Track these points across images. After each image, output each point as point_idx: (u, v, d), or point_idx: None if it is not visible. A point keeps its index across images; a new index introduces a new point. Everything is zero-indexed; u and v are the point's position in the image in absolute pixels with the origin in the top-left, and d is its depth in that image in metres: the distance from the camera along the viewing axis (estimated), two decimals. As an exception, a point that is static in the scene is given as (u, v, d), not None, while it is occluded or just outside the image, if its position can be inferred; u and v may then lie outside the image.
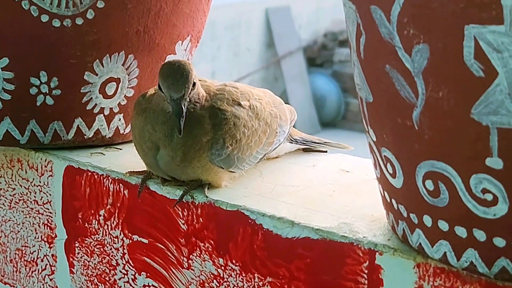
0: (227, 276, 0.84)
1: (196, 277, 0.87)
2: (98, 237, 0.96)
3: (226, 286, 0.84)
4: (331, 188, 0.90)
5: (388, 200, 0.75)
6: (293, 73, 6.63)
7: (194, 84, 0.85)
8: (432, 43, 0.64)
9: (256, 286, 0.82)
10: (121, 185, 0.93)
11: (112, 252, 0.95)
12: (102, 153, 1.01)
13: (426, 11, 0.64)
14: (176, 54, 1.03)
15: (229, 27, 6.05)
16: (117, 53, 0.98)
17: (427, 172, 0.68)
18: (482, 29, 0.60)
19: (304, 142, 1.02)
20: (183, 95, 0.84)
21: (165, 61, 0.88)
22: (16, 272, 1.06)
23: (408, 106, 0.67)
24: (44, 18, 0.94)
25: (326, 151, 1.04)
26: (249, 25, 6.32)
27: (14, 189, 1.04)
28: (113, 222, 0.94)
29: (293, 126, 1.01)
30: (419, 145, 0.68)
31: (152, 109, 0.87)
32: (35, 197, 1.02)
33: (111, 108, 1.02)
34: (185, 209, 0.88)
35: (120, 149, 1.03)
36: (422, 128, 0.67)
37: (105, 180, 0.95)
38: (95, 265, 0.97)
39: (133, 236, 0.93)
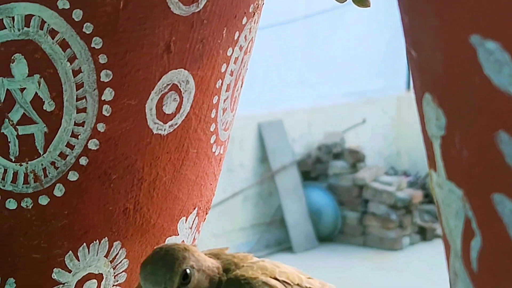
0: None
1: None
2: None
3: None
4: None
5: None
6: (288, 188, 6.67)
7: (186, 276, 0.66)
8: None
9: None
10: None
11: None
12: None
13: None
14: (178, 235, 0.81)
15: (221, 144, 6.01)
16: (97, 241, 0.76)
17: None
18: None
19: None
20: None
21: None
22: None
23: None
24: None
25: None
26: (242, 140, 6.38)
27: None
28: None
29: None
30: None
31: None
32: None
33: None
34: None
35: None
36: None
37: None
38: None
39: None
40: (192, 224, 0.82)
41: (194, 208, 0.81)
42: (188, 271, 0.66)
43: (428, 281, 4.77)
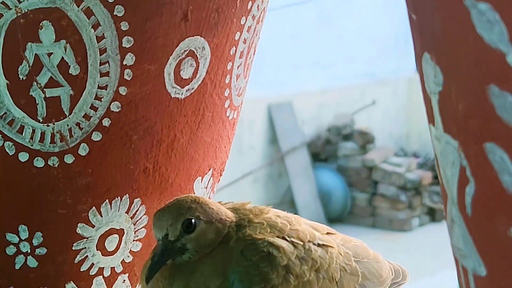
0: None
1: None
2: None
3: None
4: None
5: None
6: (298, 169, 6.61)
7: (189, 224, 0.69)
8: None
9: None
10: None
11: None
12: (102, 327, 0.82)
13: None
14: (194, 194, 0.84)
15: (231, 125, 6.01)
16: (119, 198, 0.80)
17: None
18: None
19: None
20: (166, 235, 0.69)
21: None
22: None
23: (549, 289, 0.46)
24: (23, 157, 0.76)
25: None
26: (252, 122, 6.33)
27: None
28: None
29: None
30: None
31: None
32: None
33: (112, 268, 0.83)
34: None
35: (125, 319, 0.84)
36: None
37: None
38: None
39: None
40: (208, 184, 0.86)
41: (209, 169, 0.85)
42: (193, 221, 0.69)
43: (437, 262, 4.77)
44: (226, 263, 0.69)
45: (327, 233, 0.74)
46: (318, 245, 0.71)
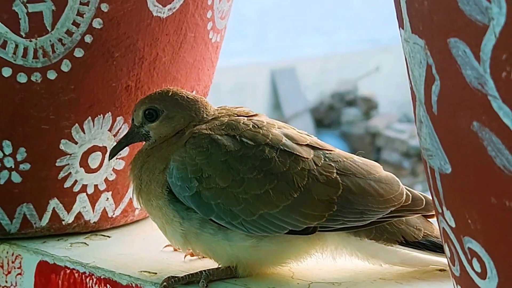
0: None
1: None
2: None
3: None
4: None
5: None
6: None
7: (150, 114, 0.75)
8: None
9: None
10: (108, 286, 0.76)
11: None
12: (85, 243, 0.84)
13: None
14: None
15: (234, 91, 6.03)
16: (101, 115, 0.81)
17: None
18: None
19: (436, 249, 0.74)
20: (132, 120, 0.76)
21: None
22: None
23: (508, 180, 0.50)
24: (6, 72, 0.77)
25: None
26: (255, 87, 6.34)
27: (-27, 290, 0.87)
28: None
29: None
30: (523, 235, 0.49)
31: None
32: (0, 300, 0.85)
33: (95, 185, 0.84)
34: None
35: (109, 236, 0.86)
36: (529, 211, 0.48)
37: (87, 279, 0.77)
38: None
39: None
40: (190, 105, 0.86)
41: (192, 91, 0.85)
42: (156, 112, 0.74)
43: (438, 227, 4.78)
44: (172, 151, 0.73)
45: (308, 145, 0.74)
46: (279, 149, 0.72)
